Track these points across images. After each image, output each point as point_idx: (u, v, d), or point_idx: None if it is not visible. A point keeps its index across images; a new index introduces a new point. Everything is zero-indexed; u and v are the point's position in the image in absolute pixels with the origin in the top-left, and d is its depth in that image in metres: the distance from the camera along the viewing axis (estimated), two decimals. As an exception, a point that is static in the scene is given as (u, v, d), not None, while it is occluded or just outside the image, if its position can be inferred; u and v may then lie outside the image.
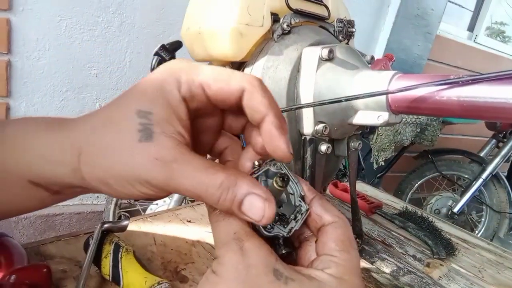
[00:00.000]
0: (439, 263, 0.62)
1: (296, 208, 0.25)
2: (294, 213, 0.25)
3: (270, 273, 0.21)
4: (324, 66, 0.46)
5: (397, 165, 2.30)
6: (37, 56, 1.26)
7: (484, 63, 2.69)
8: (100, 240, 0.45)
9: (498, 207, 2.10)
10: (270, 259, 0.22)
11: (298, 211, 0.25)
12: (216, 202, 0.22)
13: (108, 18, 1.34)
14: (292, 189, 0.26)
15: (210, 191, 0.22)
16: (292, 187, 0.26)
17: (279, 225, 0.24)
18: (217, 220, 0.24)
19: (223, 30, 0.46)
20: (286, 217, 0.24)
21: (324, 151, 0.47)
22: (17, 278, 0.37)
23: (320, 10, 0.54)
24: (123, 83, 1.44)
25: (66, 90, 1.34)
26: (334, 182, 0.89)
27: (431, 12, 2.17)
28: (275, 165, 0.25)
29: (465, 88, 0.34)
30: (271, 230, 0.24)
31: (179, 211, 0.67)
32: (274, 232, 0.24)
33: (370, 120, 0.43)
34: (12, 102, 1.26)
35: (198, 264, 0.52)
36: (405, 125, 1.93)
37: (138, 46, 1.42)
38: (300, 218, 0.25)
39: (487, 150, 2.20)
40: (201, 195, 0.22)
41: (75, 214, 1.48)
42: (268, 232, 0.24)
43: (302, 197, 0.26)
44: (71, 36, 1.29)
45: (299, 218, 0.25)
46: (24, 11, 1.20)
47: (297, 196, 0.26)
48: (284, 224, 0.24)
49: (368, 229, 0.71)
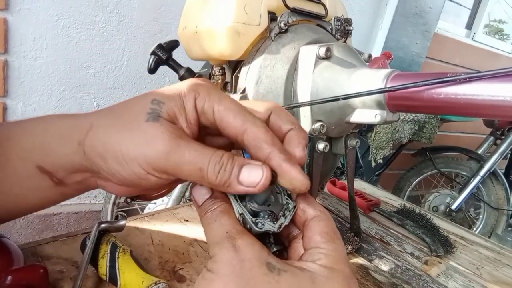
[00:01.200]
0: (437, 261, 0.62)
1: (283, 206, 0.26)
2: (283, 210, 0.26)
3: (264, 266, 0.22)
4: (321, 65, 0.45)
5: (395, 163, 2.31)
6: (34, 56, 1.25)
7: (482, 61, 2.69)
8: (97, 240, 0.45)
9: (496, 204, 2.11)
10: (262, 254, 0.23)
11: (286, 208, 0.26)
12: (216, 174, 0.23)
13: (105, 17, 1.33)
14: (278, 188, 0.27)
15: (211, 164, 0.23)
16: (279, 186, 0.27)
17: (269, 222, 0.25)
18: (209, 222, 0.25)
19: (220, 29, 0.46)
20: (275, 214, 0.25)
21: (321, 149, 0.47)
22: (13, 279, 0.37)
23: (317, 9, 0.54)
24: (120, 82, 1.43)
25: (63, 89, 1.34)
26: (332, 180, 0.89)
27: (429, 10, 2.17)
28: None
29: (463, 86, 0.34)
30: (262, 227, 0.24)
31: (176, 211, 0.66)
32: (265, 228, 0.24)
33: (367, 119, 0.43)
34: (9, 102, 1.26)
35: (195, 264, 0.51)
36: (403, 123, 1.93)
37: (135, 45, 1.42)
38: (288, 214, 0.26)
39: (485, 147, 2.20)
40: (203, 167, 0.23)
41: (73, 214, 1.48)
42: (259, 228, 0.24)
43: (289, 195, 0.27)
44: (68, 35, 1.29)
45: (288, 215, 0.26)
46: (21, 11, 1.19)
47: (284, 195, 0.27)
48: (273, 220, 0.25)
49: (366, 227, 0.71)
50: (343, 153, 0.54)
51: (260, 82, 0.47)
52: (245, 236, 0.23)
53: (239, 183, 0.23)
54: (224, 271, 0.22)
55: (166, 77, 1.52)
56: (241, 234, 0.23)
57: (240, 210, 0.25)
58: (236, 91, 0.49)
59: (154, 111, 0.24)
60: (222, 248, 0.23)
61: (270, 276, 0.21)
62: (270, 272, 0.22)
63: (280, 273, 0.22)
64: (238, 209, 0.25)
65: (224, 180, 0.23)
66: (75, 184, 0.28)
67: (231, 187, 0.24)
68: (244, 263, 0.22)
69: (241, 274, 0.21)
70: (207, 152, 0.23)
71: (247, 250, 0.22)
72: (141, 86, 1.48)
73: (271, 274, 0.22)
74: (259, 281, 0.21)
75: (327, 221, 0.26)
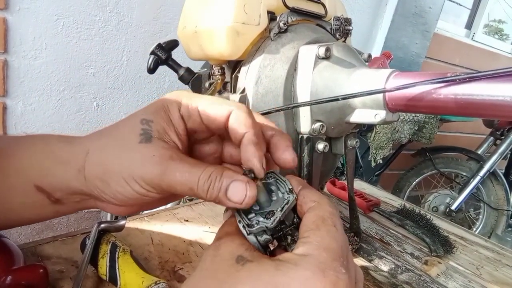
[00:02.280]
0: (437, 261, 0.62)
1: (284, 201, 0.27)
2: (282, 205, 0.26)
3: (232, 259, 0.23)
4: (321, 65, 0.45)
5: (395, 163, 2.30)
6: (34, 55, 1.25)
7: (482, 61, 2.69)
8: (97, 240, 0.45)
9: (496, 204, 2.10)
10: (238, 249, 0.24)
11: (286, 203, 0.26)
12: (205, 192, 0.25)
13: (105, 17, 1.33)
14: (281, 187, 0.27)
15: (201, 183, 0.25)
16: (281, 186, 0.27)
17: (264, 220, 0.25)
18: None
19: (219, 29, 0.46)
20: (272, 212, 0.26)
21: (321, 149, 0.47)
22: (13, 279, 0.37)
23: (317, 8, 0.54)
24: (120, 82, 1.43)
25: (63, 89, 1.33)
26: (332, 180, 0.89)
27: (429, 10, 2.17)
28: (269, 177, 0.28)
29: (463, 86, 0.34)
30: (256, 225, 0.25)
31: (176, 211, 0.66)
32: (260, 226, 0.25)
33: (367, 119, 0.43)
34: (9, 102, 1.26)
35: (195, 264, 0.51)
36: (403, 123, 1.93)
37: (135, 45, 1.42)
38: (286, 207, 0.26)
39: (485, 147, 2.20)
40: (193, 187, 0.25)
41: (73, 214, 1.48)
42: (253, 227, 0.25)
43: (291, 190, 0.27)
44: (68, 35, 1.29)
45: (285, 209, 0.26)
46: (21, 10, 1.19)
47: (286, 192, 0.27)
48: (270, 217, 0.25)
49: (366, 227, 0.71)
50: (343, 153, 0.54)
51: (260, 82, 0.47)
52: (230, 237, 0.25)
53: (228, 199, 0.25)
54: (200, 266, 0.24)
55: (165, 77, 1.52)
56: (228, 235, 0.25)
57: (238, 217, 0.26)
58: (235, 91, 0.49)
59: (146, 132, 0.26)
60: (208, 248, 0.25)
61: (233, 267, 0.22)
62: (236, 264, 0.22)
63: (245, 264, 0.22)
64: (237, 217, 0.26)
65: (213, 197, 0.25)
66: (73, 203, 0.29)
67: (222, 203, 0.25)
68: (216, 258, 0.24)
69: (210, 267, 0.23)
70: (197, 171, 0.25)
71: (223, 247, 0.24)
72: (140, 86, 1.48)
73: (235, 266, 0.22)
74: (221, 272, 0.22)
75: (318, 210, 0.25)
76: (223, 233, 0.26)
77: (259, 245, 0.25)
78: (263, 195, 0.26)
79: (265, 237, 0.25)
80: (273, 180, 0.28)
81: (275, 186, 0.27)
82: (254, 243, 0.25)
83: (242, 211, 0.26)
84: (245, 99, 0.47)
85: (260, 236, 0.25)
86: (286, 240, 0.26)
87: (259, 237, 0.25)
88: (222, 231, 0.26)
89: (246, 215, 0.26)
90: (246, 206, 0.25)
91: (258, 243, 0.25)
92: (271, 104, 0.47)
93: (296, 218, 0.27)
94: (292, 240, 0.26)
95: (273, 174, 0.28)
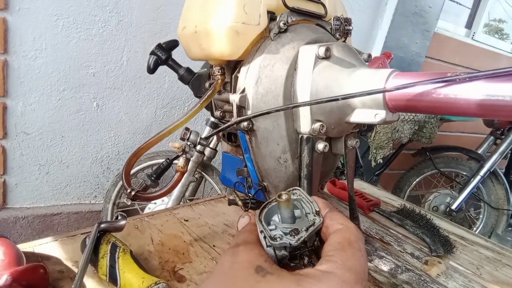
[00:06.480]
0: (437, 261, 0.62)
1: (310, 222, 0.27)
2: (308, 226, 0.27)
3: (252, 268, 0.23)
4: (321, 65, 0.45)
5: (395, 163, 2.30)
6: (34, 56, 1.25)
7: (482, 60, 2.69)
8: (97, 240, 0.45)
9: (496, 204, 2.10)
10: (257, 259, 0.24)
11: (311, 224, 0.27)
12: None
13: (105, 17, 1.33)
14: (307, 208, 0.28)
15: None
16: (308, 206, 0.28)
17: (289, 237, 0.26)
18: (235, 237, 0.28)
19: (219, 29, 0.46)
20: (298, 230, 0.26)
21: (321, 149, 0.47)
22: (13, 279, 0.37)
23: (317, 8, 0.54)
24: (120, 82, 1.43)
25: (63, 89, 1.33)
26: (332, 180, 0.89)
27: (429, 9, 2.17)
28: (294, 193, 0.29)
29: (463, 85, 0.34)
30: (279, 240, 0.25)
31: (176, 211, 0.66)
32: (283, 241, 0.25)
33: (367, 118, 0.43)
34: (9, 102, 1.26)
35: (195, 264, 0.51)
36: (403, 123, 1.92)
37: (135, 45, 1.42)
38: (312, 229, 0.26)
39: (485, 147, 2.20)
40: None
41: (73, 214, 1.48)
42: (275, 241, 0.25)
43: (317, 212, 0.28)
44: (68, 35, 1.29)
45: (311, 230, 0.26)
46: (21, 10, 1.19)
47: (312, 214, 0.28)
48: (294, 235, 0.26)
49: (366, 227, 0.71)
50: (343, 153, 0.54)
51: (260, 82, 0.46)
52: (249, 245, 0.25)
53: None
54: (216, 270, 0.24)
55: (165, 77, 1.52)
56: (247, 244, 0.25)
57: (260, 227, 0.27)
58: (235, 91, 0.49)
59: None
60: (225, 253, 0.25)
61: (253, 277, 0.22)
62: (255, 274, 0.23)
63: (265, 275, 0.22)
64: (259, 226, 0.27)
65: None
66: None
67: None
68: (234, 265, 0.24)
69: (228, 272, 0.23)
70: None
71: (242, 254, 0.24)
72: (140, 86, 1.48)
73: (255, 275, 0.22)
74: (240, 280, 0.22)
75: (344, 233, 0.26)
76: (241, 241, 0.26)
77: (276, 258, 0.26)
78: (287, 211, 0.27)
79: (283, 253, 0.26)
80: (298, 197, 0.28)
81: (299, 203, 0.28)
82: (272, 256, 0.26)
83: (264, 220, 0.27)
84: (245, 99, 0.47)
85: (279, 251, 0.26)
86: (303, 260, 0.26)
87: (277, 251, 0.26)
88: (240, 238, 0.26)
89: (267, 225, 0.27)
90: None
91: (276, 256, 0.26)
92: (271, 104, 0.47)
93: (317, 242, 0.27)
94: (309, 262, 0.26)
95: (299, 191, 0.29)
